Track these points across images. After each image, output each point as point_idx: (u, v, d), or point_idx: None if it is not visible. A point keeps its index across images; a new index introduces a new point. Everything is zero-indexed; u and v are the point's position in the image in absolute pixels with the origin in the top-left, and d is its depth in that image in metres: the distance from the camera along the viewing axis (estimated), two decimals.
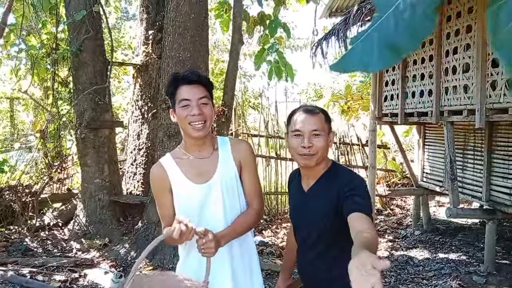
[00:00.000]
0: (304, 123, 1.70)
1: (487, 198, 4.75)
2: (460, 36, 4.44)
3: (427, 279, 4.57)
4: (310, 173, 1.79)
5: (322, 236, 1.74)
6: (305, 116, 1.72)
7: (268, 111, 7.97)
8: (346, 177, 1.73)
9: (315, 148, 1.69)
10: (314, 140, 1.69)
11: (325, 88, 20.02)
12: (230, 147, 1.88)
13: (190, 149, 1.87)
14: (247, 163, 1.88)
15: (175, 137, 4.88)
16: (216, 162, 1.83)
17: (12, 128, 9.66)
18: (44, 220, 5.97)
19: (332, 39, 5.26)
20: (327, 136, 1.73)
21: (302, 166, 1.78)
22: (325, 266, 1.75)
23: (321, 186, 1.75)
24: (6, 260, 4.70)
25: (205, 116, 1.76)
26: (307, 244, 1.82)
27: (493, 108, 3.95)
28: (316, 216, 1.73)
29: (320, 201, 1.72)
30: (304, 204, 1.81)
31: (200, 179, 1.82)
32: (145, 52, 6.39)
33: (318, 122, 1.71)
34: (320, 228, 1.72)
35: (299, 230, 1.88)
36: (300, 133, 1.71)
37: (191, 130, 1.77)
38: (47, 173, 6.52)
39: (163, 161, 1.90)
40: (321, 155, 1.72)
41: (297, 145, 1.71)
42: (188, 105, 1.75)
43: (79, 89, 5.65)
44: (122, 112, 9.47)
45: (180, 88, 1.78)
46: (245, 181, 1.88)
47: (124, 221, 5.92)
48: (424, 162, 6.48)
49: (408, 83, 5.54)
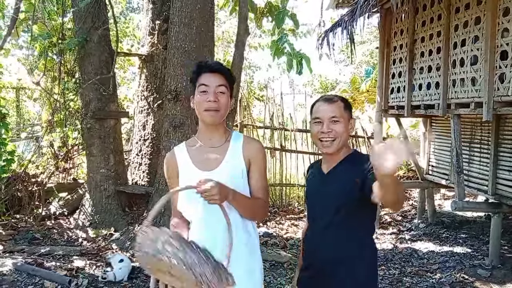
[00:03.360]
0: (323, 111, 1.84)
1: (493, 192, 4.74)
2: (469, 28, 4.40)
3: (432, 272, 4.57)
4: (331, 159, 1.88)
5: (337, 215, 1.80)
6: (324, 104, 1.85)
7: (273, 103, 7.96)
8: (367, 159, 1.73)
9: (334, 133, 1.80)
10: (332, 126, 1.81)
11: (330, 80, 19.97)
12: (242, 143, 1.89)
13: (203, 136, 1.91)
14: (257, 162, 1.88)
15: (180, 128, 4.88)
16: (225, 153, 1.85)
17: (18, 118, 9.71)
18: (50, 210, 6.01)
19: (338, 30, 5.22)
20: (347, 123, 1.84)
21: (323, 152, 1.87)
22: (335, 245, 1.82)
23: (342, 168, 1.85)
24: (13, 249, 4.75)
25: (220, 105, 1.81)
26: (320, 223, 1.88)
27: (501, 101, 3.92)
28: (334, 196, 1.81)
29: (340, 181, 1.81)
30: (322, 185, 1.90)
31: (206, 166, 1.84)
32: (150, 42, 6.37)
33: (337, 109, 1.82)
34: (337, 207, 1.80)
35: (314, 210, 1.95)
36: (320, 120, 1.84)
37: (205, 116, 1.83)
38: (53, 162, 6.55)
39: (176, 147, 1.97)
40: (341, 140, 1.82)
41: (317, 131, 1.84)
42: (205, 91, 1.81)
43: (85, 79, 5.66)
44: (128, 103, 9.47)
45: (201, 75, 1.85)
46: (252, 178, 1.88)
47: (130, 211, 5.95)
48: (430, 155, 6.46)
49: (415, 75, 5.51)
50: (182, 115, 4.89)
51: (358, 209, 1.77)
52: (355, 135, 7.94)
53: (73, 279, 4.03)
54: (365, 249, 1.85)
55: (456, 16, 4.64)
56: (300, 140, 8.22)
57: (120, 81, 9.80)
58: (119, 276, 4.13)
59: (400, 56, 5.89)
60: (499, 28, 3.95)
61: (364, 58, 18.93)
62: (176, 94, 4.87)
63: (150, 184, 6.07)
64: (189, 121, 4.91)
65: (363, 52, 18.85)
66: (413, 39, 5.56)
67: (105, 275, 4.12)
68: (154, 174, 5.65)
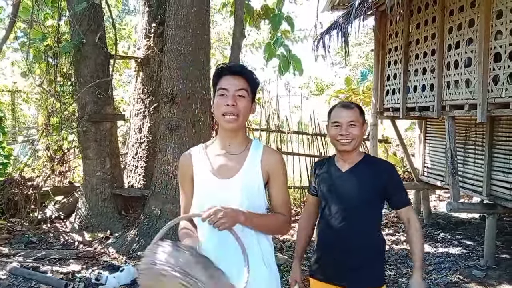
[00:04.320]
0: (342, 116, 2.09)
1: (487, 193, 4.76)
2: (463, 30, 4.43)
3: (427, 273, 4.59)
4: (347, 158, 2.13)
5: (354, 210, 2.07)
6: (343, 110, 2.11)
7: (269, 105, 7.96)
8: (386, 164, 2.18)
9: (352, 135, 2.07)
10: (350, 129, 2.07)
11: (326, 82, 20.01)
12: (261, 153, 1.80)
13: (222, 141, 1.82)
14: (276, 175, 1.80)
15: (176, 131, 4.89)
16: (243, 162, 1.77)
17: (14, 121, 9.67)
18: (46, 213, 6.00)
19: (334, 32, 5.25)
20: (362, 126, 2.11)
21: (341, 150, 2.11)
22: (351, 237, 2.06)
23: (360, 169, 2.11)
24: (8, 253, 4.73)
25: (238, 109, 1.71)
26: (338, 217, 2.10)
27: (495, 102, 3.95)
28: (353, 194, 2.07)
29: (359, 181, 2.08)
30: (341, 183, 2.11)
31: (223, 174, 1.76)
32: (146, 45, 6.38)
33: (354, 114, 2.09)
34: (354, 204, 2.07)
35: (331, 205, 2.14)
36: (338, 124, 2.09)
37: (222, 120, 1.74)
38: (49, 166, 6.53)
39: (193, 149, 1.88)
40: (357, 141, 2.09)
41: (336, 134, 2.09)
42: (224, 94, 1.73)
43: (80, 82, 5.66)
44: (124, 106, 9.46)
45: (222, 78, 1.76)
46: (273, 192, 1.81)
47: (126, 214, 5.95)
48: (425, 157, 6.49)
49: (410, 77, 5.54)
50: (178, 118, 4.90)
51: (372, 207, 2.10)
52: None
53: (69, 282, 4.02)
54: (376, 240, 2.13)
55: (450, 19, 4.67)
56: (296, 142, 8.23)
57: (116, 83, 9.78)
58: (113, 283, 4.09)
59: (395, 58, 5.92)
60: (492, 31, 3.98)
61: (359, 60, 19.00)
62: (172, 97, 4.87)
63: (146, 187, 6.06)
64: (185, 123, 4.92)
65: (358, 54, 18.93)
66: (408, 41, 5.60)
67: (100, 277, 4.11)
68: (150, 177, 5.65)
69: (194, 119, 4.96)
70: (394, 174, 2.12)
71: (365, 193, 2.07)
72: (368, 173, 2.09)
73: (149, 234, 4.88)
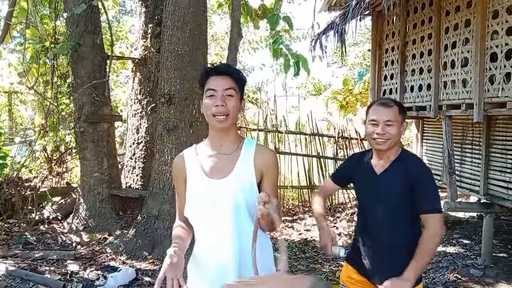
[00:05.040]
0: (380, 114, 2.04)
1: (484, 192, 4.78)
2: (459, 30, 4.45)
3: (425, 272, 4.60)
4: (382, 156, 2.10)
5: (390, 210, 2.05)
6: (381, 108, 2.05)
7: (267, 106, 7.97)
8: (416, 165, 2.09)
9: (388, 135, 2.02)
10: (387, 128, 2.02)
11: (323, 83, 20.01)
12: (254, 151, 1.80)
13: (213, 141, 1.83)
14: (269, 173, 1.80)
15: (174, 131, 4.89)
16: (235, 161, 1.78)
17: (11, 122, 9.65)
18: (43, 214, 5.99)
19: (330, 33, 5.26)
20: (400, 126, 2.05)
21: (376, 149, 2.09)
22: (390, 234, 2.07)
23: (393, 171, 2.07)
24: (6, 254, 4.72)
25: (228, 109, 1.72)
26: (375, 217, 2.10)
27: (491, 102, 3.96)
28: (387, 197, 2.06)
29: (392, 184, 2.05)
30: (375, 186, 2.10)
31: (215, 174, 1.77)
32: (144, 46, 6.38)
33: (392, 113, 2.03)
34: (390, 205, 2.05)
35: (368, 207, 2.16)
36: (376, 122, 2.04)
37: (213, 121, 1.74)
38: (46, 167, 6.52)
39: (186, 151, 1.89)
40: (393, 141, 2.04)
41: (372, 132, 2.05)
42: (213, 95, 1.73)
43: (77, 83, 5.65)
44: (121, 106, 9.45)
45: (209, 78, 1.77)
46: (264, 189, 1.78)
47: (124, 214, 5.94)
48: (423, 156, 6.51)
49: (407, 77, 5.55)
50: (176, 118, 4.90)
51: (407, 205, 2.03)
52: (349, 136, 7.99)
53: (67, 283, 4.01)
54: (415, 237, 2.02)
55: (447, 19, 4.69)
56: (294, 142, 8.24)
57: (113, 84, 9.77)
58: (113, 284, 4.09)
59: (392, 58, 5.94)
60: (488, 31, 4.00)
61: (357, 60, 19.02)
62: (170, 97, 4.87)
63: (144, 187, 6.06)
64: (183, 124, 4.92)
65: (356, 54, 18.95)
66: (404, 41, 5.61)
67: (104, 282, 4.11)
68: (148, 178, 5.65)
69: (192, 120, 4.96)
70: (421, 173, 2.05)
71: (397, 197, 2.04)
72: (401, 174, 2.04)
73: (147, 235, 4.88)
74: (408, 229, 2.07)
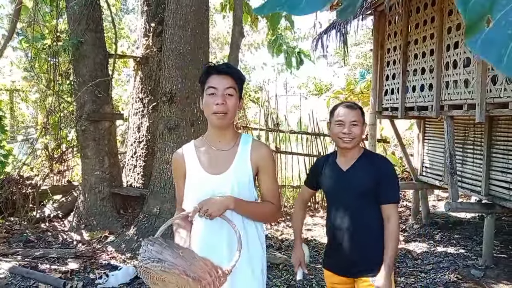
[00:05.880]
0: (346, 115, 2.22)
1: (486, 193, 4.77)
2: (461, 30, 4.44)
3: (426, 273, 4.60)
4: (347, 155, 2.26)
5: (355, 203, 2.21)
6: (347, 110, 2.24)
7: (268, 105, 7.96)
8: (382, 161, 2.30)
9: (354, 134, 2.20)
10: (352, 128, 2.20)
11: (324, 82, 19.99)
12: (250, 147, 1.90)
13: (212, 138, 1.92)
14: (265, 167, 1.90)
15: (175, 130, 4.89)
16: (233, 157, 1.87)
17: (12, 120, 9.66)
18: (44, 212, 5.99)
19: (332, 32, 5.26)
20: (362, 126, 2.25)
21: (342, 148, 2.25)
22: (354, 223, 2.21)
23: (359, 166, 2.24)
24: (7, 251, 4.73)
25: (227, 107, 1.80)
26: (343, 211, 2.25)
27: (494, 102, 3.96)
28: (354, 190, 2.21)
29: (359, 178, 2.21)
30: (343, 181, 2.26)
31: (214, 170, 1.85)
32: (145, 44, 6.38)
33: (356, 115, 2.23)
34: (355, 199, 2.21)
35: (336, 202, 2.31)
36: (342, 122, 2.21)
37: (213, 119, 1.83)
38: (47, 165, 6.53)
39: (185, 146, 1.98)
40: (358, 140, 2.23)
41: (339, 131, 2.22)
42: (214, 93, 1.81)
43: (79, 81, 5.65)
44: (123, 105, 9.46)
45: (210, 77, 1.84)
46: (262, 184, 1.92)
47: (125, 213, 5.95)
48: (424, 157, 6.50)
49: (408, 77, 5.54)
50: (177, 117, 4.90)
51: (372, 195, 2.20)
52: None
53: (67, 281, 4.02)
54: (380, 232, 2.20)
55: (449, 19, 4.68)
56: (295, 142, 8.23)
57: (115, 83, 9.77)
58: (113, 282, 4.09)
59: (393, 58, 5.93)
60: None
61: (358, 60, 18.99)
62: (171, 96, 4.87)
63: (145, 186, 6.06)
64: (184, 123, 4.91)
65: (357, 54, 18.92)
66: (406, 41, 5.60)
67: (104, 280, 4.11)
68: (149, 176, 5.65)
69: (193, 118, 4.96)
70: (388, 169, 2.24)
71: (365, 188, 2.20)
72: (367, 168, 2.22)
73: (148, 233, 4.88)
74: (373, 214, 2.23)
